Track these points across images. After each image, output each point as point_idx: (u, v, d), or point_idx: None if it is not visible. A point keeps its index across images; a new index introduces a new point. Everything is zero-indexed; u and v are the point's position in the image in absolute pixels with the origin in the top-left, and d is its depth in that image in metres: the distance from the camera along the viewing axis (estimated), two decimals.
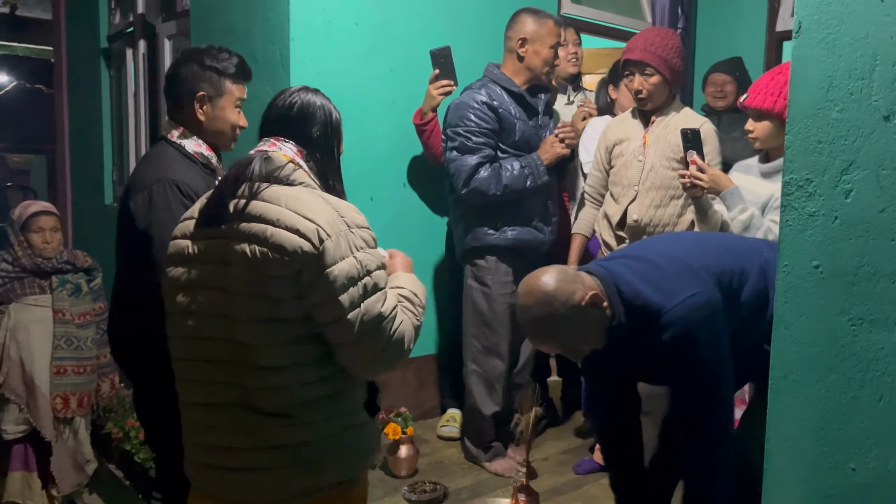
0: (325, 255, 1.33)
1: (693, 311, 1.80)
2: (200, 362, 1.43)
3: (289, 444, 1.40)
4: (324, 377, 1.41)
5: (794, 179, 1.36)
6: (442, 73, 2.88)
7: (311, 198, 1.38)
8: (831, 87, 1.30)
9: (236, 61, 1.89)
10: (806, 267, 1.36)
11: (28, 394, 2.95)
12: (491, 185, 2.65)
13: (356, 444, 1.46)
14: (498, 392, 2.82)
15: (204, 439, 1.45)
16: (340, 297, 1.34)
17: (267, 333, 1.36)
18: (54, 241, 3.04)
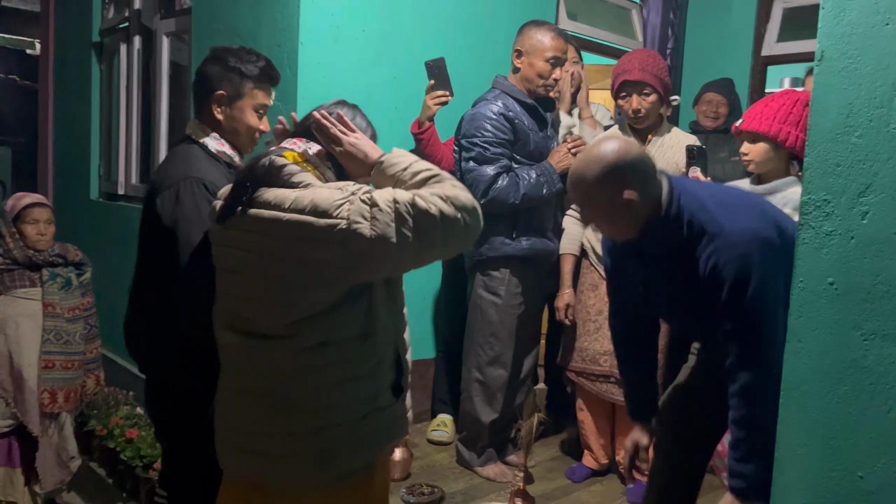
0: (357, 234, 1.30)
1: (753, 244, 1.68)
2: (227, 345, 1.48)
3: (305, 431, 1.41)
4: (350, 359, 1.42)
5: (813, 200, 1.44)
6: (437, 84, 2.92)
7: (309, 193, 1.36)
8: (851, 114, 1.38)
9: (262, 64, 1.87)
10: (821, 283, 1.43)
11: (16, 388, 2.90)
12: (510, 194, 2.69)
13: (374, 430, 1.47)
14: (498, 401, 2.84)
15: (231, 420, 1.49)
16: (399, 243, 1.30)
17: (286, 328, 1.39)
18: (48, 234, 3.00)
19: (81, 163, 4.62)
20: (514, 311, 2.81)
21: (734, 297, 1.69)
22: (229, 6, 3.25)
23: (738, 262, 1.68)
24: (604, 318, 2.81)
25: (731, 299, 1.69)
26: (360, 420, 1.44)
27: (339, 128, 1.52)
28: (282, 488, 1.44)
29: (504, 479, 2.83)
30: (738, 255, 1.68)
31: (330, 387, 1.41)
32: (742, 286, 1.68)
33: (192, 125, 1.88)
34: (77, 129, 4.68)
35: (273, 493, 1.44)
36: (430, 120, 3.01)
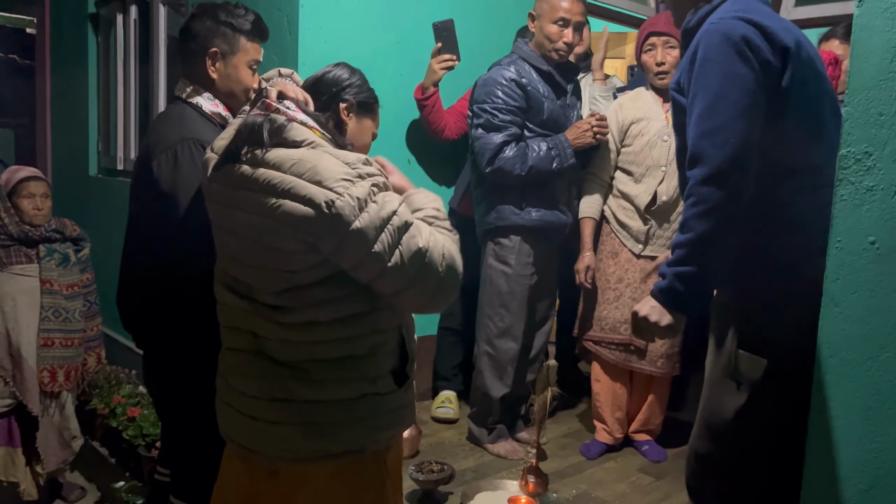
0: (343, 214, 1.25)
1: (713, 29, 1.53)
2: (225, 306, 1.44)
3: (294, 400, 1.36)
4: (343, 339, 1.36)
5: (852, 153, 1.34)
6: (444, 47, 2.81)
7: (315, 157, 1.30)
8: (895, 59, 1.27)
9: (252, 18, 1.82)
10: (861, 243, 1.33)
11: (14, 366, 2.83)
12: (516, 166, 2.59)
13: (369, 413, 1.39)
14: (508, 375, 2.77)
15: (229, 379, 1.45)
16: (375, 248, 1.27)
17: (283, 299, 1.34)
18: (45, 208, 2.92)
19: (79, 139, 4.53)
20: (525, 281, 2.72)
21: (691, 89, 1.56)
22: None
23: (692, 48, 1.57)
24: (624, 285, 2.77)
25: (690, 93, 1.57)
26: (353, 401, 1.38)
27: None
28: (272, 456, 1.39)
29: (515, 456, 2.76)
30: (694, 43, 1.57)
31: (321, 363, 1.36)
32: (695, 72, 1.55)
33: (182, 85, 1.79)
34: (74, 104, 4.59)
35: (258, 459, 1.41)
36: (434, 85, 2.90)
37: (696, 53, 1.56)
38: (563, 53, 2.68)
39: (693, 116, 1.55)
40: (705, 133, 1.52)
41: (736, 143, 1.49)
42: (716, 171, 1.49)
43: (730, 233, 1.53)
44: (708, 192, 1.50)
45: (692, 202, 1.53)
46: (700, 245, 1.53)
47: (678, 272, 1.55)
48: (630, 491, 2.60)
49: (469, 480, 2.55)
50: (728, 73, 1.50)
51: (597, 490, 2.58)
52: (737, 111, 1.49)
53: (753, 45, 1.50)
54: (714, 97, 1.51)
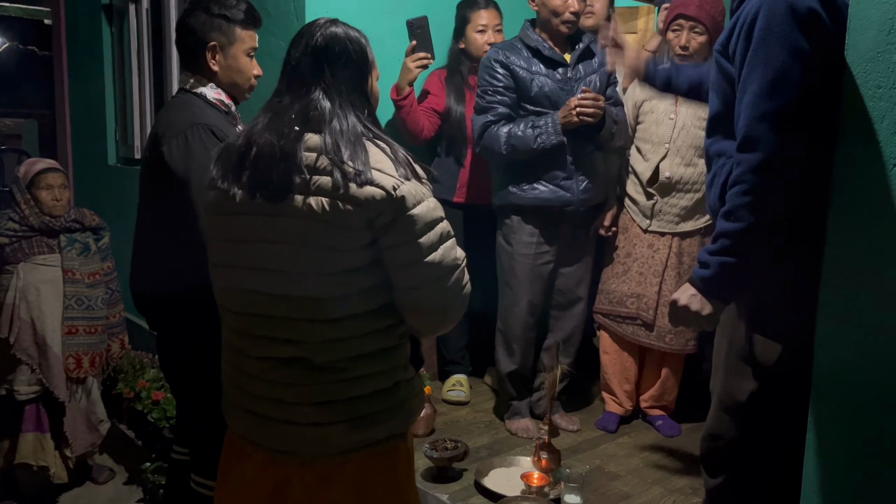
0: (406, 199, 1.30)
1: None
2: (250, 315, 1.40)
3: (339, 399, 1.38)
4: (378, 330, 1.39)
5: (851, 125, 1.33)
6: (419, 45, 2.77)
7: (372, 148, 1.34)
8: (893, 30, 1.27)
9: (245, 7, 1.85)
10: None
11: (40, 354, 2.92)
12: (496, 144, 2.61)
13: (404, 398, 1.44)
14: (516, 352, 2.79)
15: (252, 388, 1.43)
16: (420, 239, 1.32)
17: (327, 286, 1.33)
18: (63, 199, 2.99)
19: (98, 129, 4.60)
20: (527, 259, 2.72)
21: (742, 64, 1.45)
22: None
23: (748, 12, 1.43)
24: (632, 260, 2.79)
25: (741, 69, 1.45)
26: (390, 389, 1.42)
27: None
28: (309, 455, 1.41)
29: (526, 435, 2.80)
30: (751, 9, 1.43)
31: (361, 358, 1.38)
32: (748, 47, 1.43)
33: (186, 78, 1.84)
34: (92, 95, 4.65)
35: (298, 460, 1.41)
36: (409, 85, 2.86)
37: (754, 21, 1.42)
38: (571, 24, 2.64)
39: (748, 94, 1.43)
40: (764, 115, 1.39)
41: (799, 129, 1.38)
42: (773, 160, 1.39)
43: (781, 226, 1.45)
44: (762, 182, 1.41)
45: (743, 189, 1.43)
46: (749, 237, 1.45)
47: (723, 262, 1.48)
48: (643, 465, 2.62)
49: (483, 457, 2.59)
50: (794, 49, 1.37)
51: (610, 465, 2.61)
52: (802, 94, 1.37)
53: (821, 20, 1.37)
54: (776, 75, 1.38)
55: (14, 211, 2.94)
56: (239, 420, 1.48)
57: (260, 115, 1.41)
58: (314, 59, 1.38)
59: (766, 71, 1.39)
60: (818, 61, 1.37)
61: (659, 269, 2.74)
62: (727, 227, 1.47)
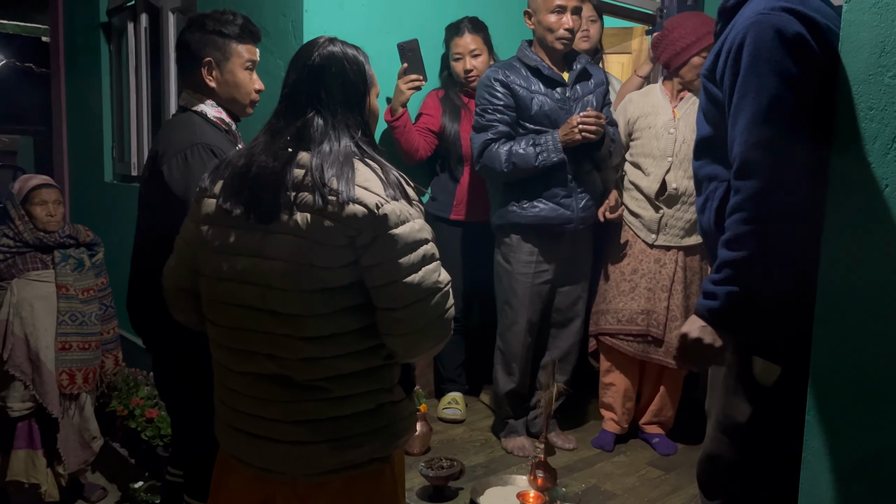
0: (388, 218, 1.30)
1: (763, 21, 1.38)
2: (235, 329, 1.40)
3: (320, 419, 1.38)
4: (361, 351, 1.38)
5: (843, 146, 1.34)
6: (410, 68, 2.83)
7: (361, 167, 1.34)
8: (884, 53, 1.28)
9: (240, 21, 1.86)
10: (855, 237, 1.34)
11: (34, 370, 2.91)
12: (497, 163, 2.62)
13: (390, 421, 1.43)
14: (515, 371, 2.79)
15: (237, 404, 1.43)
16: (400, 259, 1.32)
17: (309, 303, 1.33)
18: (58, 214, 2.99)
19: (95, 146, 4.61)
20: (527, 278, 2.73)
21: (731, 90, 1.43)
22: None
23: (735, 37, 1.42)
24: (639, 276, 2.80)
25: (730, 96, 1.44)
26: (374, 411, 1.41)
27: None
28: (292, 474, 1.41)
29: (522, 453, 2.79)
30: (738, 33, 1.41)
31: (343, 378, 1.37)
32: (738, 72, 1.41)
33: (186, 96, 1.84)
34: (89, 112, 4.66)
35: (280, 478, 1.41)
36: (403, 106, 2.91)
37: (741, 46, 1.41)
38: (566, 41, 2.65)
39: (741, 120, 1.41)
40: (759, 142, 1.38)
41: (794, 155, 1.37)
42: (773, 186, 1.37)
43: (787, 254, 1.42)
44: (763, 209, 1.39)
45: (743, 217, 1.41)
46: (755, 265, 1.42)
47: (731, 292, 1.44)
48: (639, 484, 2.61)
49: (479, 476, 2.58)
50: (784, 75, 1.36)
51: (606, 484, 2.60)
52: (795, 119, 1.36)
53: (809, 46, 1.37)
54: (769, 102, 1.37)
55: (8, 227, 2.94)
56: (225, 436, 1.48)
57: (259, 135, 1.43)
58: (310, 79, 1.39)
59: (759, 97, 1.39)
60: (808, 85, 1.37)
61: (667, 283, 2.77)
62: (731, 255, 1.44)
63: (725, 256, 1.45)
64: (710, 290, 1.48)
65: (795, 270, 1.44)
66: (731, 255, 1.44)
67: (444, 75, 3.17)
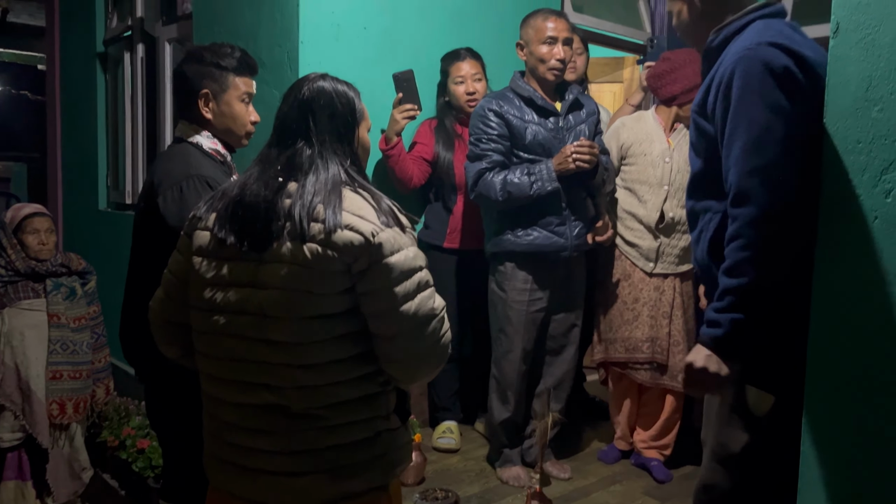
0: (383, 246, 1.31)
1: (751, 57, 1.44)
2: (228, 360, 1.39)
3: (318, 449, 1.37)
4: (359, 378, 1.38)
5: (832, 179, 1.36)
6: (405, 97, 2.87)
7: (353, 195, 1.36)
8: (870, 87, 1.31)
9: (238, 55, 1.87)
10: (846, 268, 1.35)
11: (24, 400, 2.88)
12: (492, 192, 2.64)
13: (387, 450, 1.43)
14: (510, 400, 2.79)
15: (229, 437, 1.41)
16: (395, 287, 1.33)
17: (306, 331, 1.33)
18: (50, 243, 2.98)
19: (89, 173, 4.62)
20: (521, 306, 2.74)
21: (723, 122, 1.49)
22: (229, 9, 3.22)
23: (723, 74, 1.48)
24: (641, 304, 2.85)
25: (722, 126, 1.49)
26: (371, 440, 1.40)
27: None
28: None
29: (517, 483, 2.77)
30: (726, 70, 1.48)
31: (340, 406, 1.37)
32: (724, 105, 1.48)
33: (183, 127, 1.86)
34: (84, 140, 4.68)
35: None
36: (397, 135, 2.94)
37: (731, 80, 1.47)
38: (558, 71, 2.69)
39: (735, 150, 1.46)
40: (754, 171, 1.43)
41: (790, 183, 1.41)
42: (768, 212, 1.41)
43: (783, 279, 1.45)
44: (760, 235, 1.43)
45: (742, 245, 1.44)
46: (753, 292, 1.45)
47: (734, 319, 1.46)
48: None
49: None
50: (774, 106, 1.42)
51: None
52: (786, 147, 1.41)
53: (796, 78, 1.43)
54: (761, 132, 1.42)
55: (0, 255, 2.93)
56: (217, 471, 1.46)
57: (252, 165, 1.45)
58: (301, 111, 1.42)
59: (751, 127, 1.43)
60: (797, 115, 1.42)
61: (667, 310, 2.82)
62: (731, 283, 1.46)
63: (727, 284, 1.47)
64: (713, 319, 1.49)
65: (794, 295, 1.46)
66: (732, 282, 1.46)
67: (441, 103, 3.19)
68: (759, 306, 1.45)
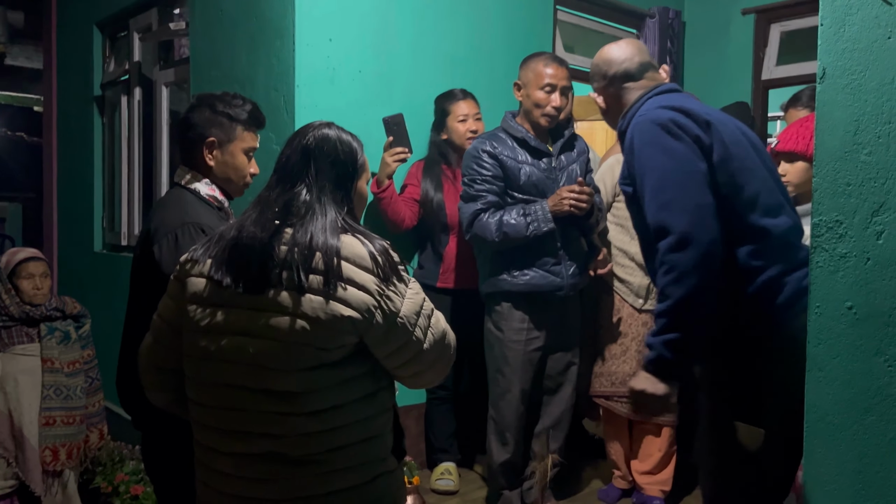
0: (392, 301, 1.34)
1: (642, 120, 1.76)
2: (224, 409, 1.37)
3: (317, 495, 1.35)
4: (358, 421, 1.37)
5: (824, 221, 1.38)
6: (396, 141, 2.90)
7: (349, 238, 1.36)
8: (858, 131, 1.33)
9: (249, 108, 1.88)
10: (839, 308, 1.36)
11: (17, 447, 2.84)
12: (488, 233, 2.65)
13: (384, 492, 1.42)
14: (508, 441, 2.76)
15: (224, 487, 1.39)
16: (415, 333, 1.36)
17: (307, 381, 1.32)
18: (45, 287, 2.98)
19: (85, 215, 4.63)
20: (519, 346, 2.73)
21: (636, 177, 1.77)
22: (226, 53, 3.27)
23: (628, 141, 1.78)
24: (629, 339, 2.88)
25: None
26: (370, 483, 1.39)
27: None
28: None
29: None
30: (629, 136, 1.78)
31: (340, 451, 1.36)
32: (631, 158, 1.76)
33: (182, 172, 1.86)
34: (80, 182, 4.70)
35: None
36: (389, 178, 2.97)
37: (631, 142, 1.76)
38: (551, 119, 2.73)
39: (647, 194, 1.71)
40: (663, 205, 1.66)
41: (693, 208, 1.64)
42: (683, 236, 1.61)
43: (708, 293, 1.63)
44: (678, 257, 1.62)
45: (665, 270, 1.63)
46: (681, 310, 1.62)
47: (665, 340, 1.63)
48: None
49: None
50: (666, 150, 1.69)
51: None
52: (684, 181, 1.65)
53: (681, 124, 1.70)
54: (661, 174, 1.68)
55: None
56: None
57: (250, 208, 1.45)
58: (303, 156, 1.43)
59: (653, 173, 1.69)
60: (688, 153, 1.69)
61: None
62: (660, 307, 1.66)
63: (658, 309, 1.69)
64: (649, 343, 1.70)
65: (716, 304, 1.65)
66: (661, 306, 1.66)
67: (438, 141, 3.17)
68: (688, 324, 1.63)
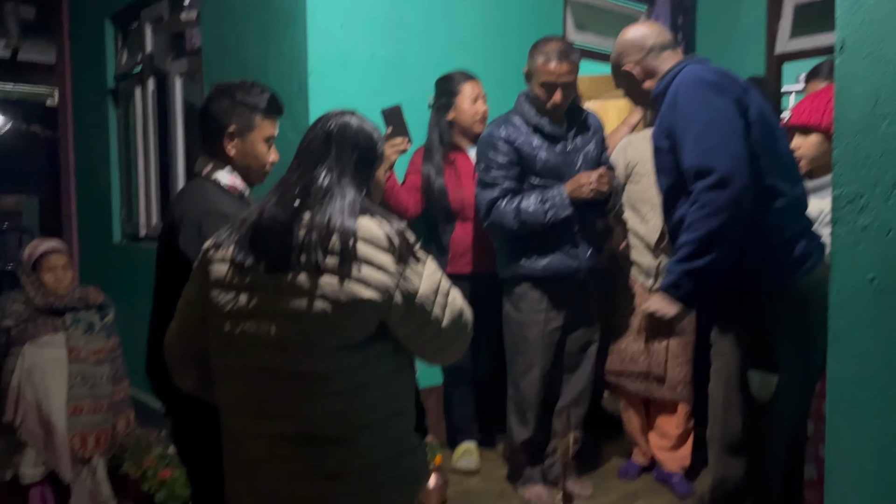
0: (410, 281, 1.36)
1: (688, 78, 1.87)
2: (252, 392, 1.40)
3: (345, 471, 1.38)
4: (384, 397, 1.40)
5: (845, 194, 1.37)
6: (395, 132, 2.89)
7: (367, 220, 1.38)
8: (879, 102, 1.32)
9: (268, 96, 1.89)
10: (861, 280, 1.36)
11: (46, 435, 2.90)
12: (506, 220, 2.65)
13: (410, 468, 1.45)
14: (529, 420, 2.78)
15: (253, 467, 1.42)
16: (434, 312, 1.39)
17: (332, 360, 1.34)
18: (66, 279, 3.02)
19: (103, 207, 4.68)
20: (538, 326, 2.74)
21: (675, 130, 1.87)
22: (238, 43, 3.28)
23: (670, 97, 1.89)
24: (639, 319, 2.81)
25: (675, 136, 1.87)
26: (398, 458, 1.42)
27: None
28: None
29: (540, 502, 2.76)
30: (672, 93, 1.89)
31: (368, 427, 1.38)
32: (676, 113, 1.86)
33: (202, 162, 1.88)
34: (97, 174, 4.74)
35: None
36: (389, 169, 2.96)
37: (675, 96, 1.86)
38: (558, 105, 2.70)
39: (689, 142, 1.81)
40: (707, 150, 1.77)
41: (734, 155, 1.76)
42: (723, 176, 1.73)
43: (733, 233, 1.74)
44: (716, 195, 1.73)
45: (699, 206, 1.74)
46: (706, 241, 1.73)
47: (686, 268, 1.76)
48: None
49: None
50: (710, 104, 1.81)
51: None
52: (727, 132, 1.78)
53: (723, 84, 1.85)
54: (706, 123, 1.79)
55: (19, 293, 2.97)
56: (242, 502, 1.47)
57: (271, 191, 1.48)
58: (325, 140, 1.46)
59: (698, 122, 1.80)
60: (734, 109, 1.81)
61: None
62: (687, 237, 1.76)
63: (683, 239, 1.78)
64: (669, 268, 1.82)
65: (740, 250, 1.77)
66: (687, 236, 1.76)
67: (442, 123, 3.13)
68: (712, 257, 1.73)
